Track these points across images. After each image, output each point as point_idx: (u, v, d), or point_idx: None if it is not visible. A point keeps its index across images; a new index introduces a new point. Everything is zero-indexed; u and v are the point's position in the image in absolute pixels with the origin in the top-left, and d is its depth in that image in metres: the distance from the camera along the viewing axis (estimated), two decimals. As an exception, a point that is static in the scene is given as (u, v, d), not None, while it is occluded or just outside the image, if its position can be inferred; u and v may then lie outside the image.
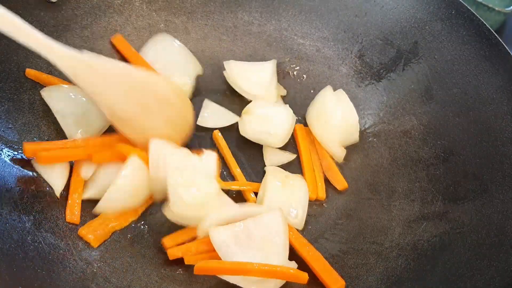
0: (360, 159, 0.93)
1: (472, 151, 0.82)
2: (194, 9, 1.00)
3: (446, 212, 0.79)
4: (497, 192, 0.77)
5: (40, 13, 0.86)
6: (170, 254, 0.74)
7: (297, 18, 1.01)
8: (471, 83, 0.86)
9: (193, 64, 0.96)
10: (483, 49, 0.85)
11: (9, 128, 0.79)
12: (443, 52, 0.90)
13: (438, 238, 0.77)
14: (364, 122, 0.96)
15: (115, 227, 0.76)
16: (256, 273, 0.70)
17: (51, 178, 0.78)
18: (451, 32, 0.89)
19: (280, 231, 0.74)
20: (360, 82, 0.99)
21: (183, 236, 0.77)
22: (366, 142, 0.94)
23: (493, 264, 0.70)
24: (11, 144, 0.78)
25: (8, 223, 0.70)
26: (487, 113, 0.83)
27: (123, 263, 0.74)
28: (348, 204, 0.87)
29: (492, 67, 0.84)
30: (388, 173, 0.89)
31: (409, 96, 0.93)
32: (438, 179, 0.84)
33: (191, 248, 0.75)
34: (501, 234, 0.73)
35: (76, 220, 0.76)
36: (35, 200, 0.75)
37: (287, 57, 1.02)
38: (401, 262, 0.77)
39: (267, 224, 0.74)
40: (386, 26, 0.96)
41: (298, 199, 0.84)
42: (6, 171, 0.75)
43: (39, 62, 0.85)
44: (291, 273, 0.72)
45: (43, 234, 0.72)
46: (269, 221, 0.74)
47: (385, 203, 0.86)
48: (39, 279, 0.66)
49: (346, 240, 0.82)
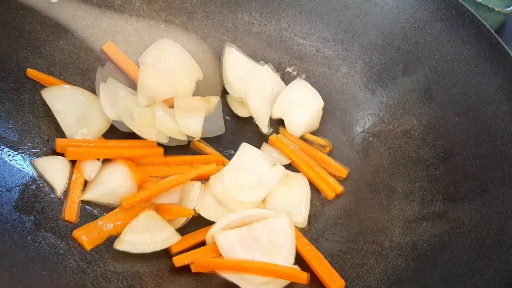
0: (360, 159, 0.93)
1: (472, 151, 0.82)
2: (194, 10, 1.00)
3: (446, 212, 0.79)
4: (497, 192, 0.77)
5: (40, 13, 0.86)
6: (175, 261, 0.74)
7: (297, 18, 1.01)
8: (471, 83, 0.86)
9: (194, 68, 0.96)
10: (483, 50, 0.85)
11: (10, 128, 0.79)
12: (443, 52, 0.90)
13: (438, 238, 0.77)
14: (364, 122, 0.96)
15: (111, 232, 0.76)
16: (256, 271, 0.70)
17: (53, 178, 0.78)
18: (451, 32, 0.89)
19: (287, 235, 0.74)
20: (360, 82, 0.99)
21: (190, 240, 0.77)
22: (366, 142, 0.94)
23: (493, 264, 0.70)
24: (12, 144, 0.78)
25: (8, 223, 0.70)
26: (487, 113, 0.83)
27: (123, 263, 0.74)
28: (348, 204, 0.87)
29: (492, 67, 0.84)
30: (388, 173, 0.89)
31: (409, 96, 0.93)
32: (438, 179, 0.84)
33: (198, 255, 0.74)
34: (501, 234, 0.73)
35: (72, 218, 0.76)
36: (35, 200, 0.75)
37: (287, 57, 1.02)
38: (401, 262, 0.77)
39: (274, 228, 0.74)
40: (386, 26, 0.96)
41: (300, 198, 0.85)
42: (6, 171, 0.75)
43: (39, 62, 0.85)
44: (291, 272, 0.72)
45: (44, 234, 0.72)
46: (276, 225, 0.75)
47: (385, 203, 0.86)
48: (39, 279, 0.66)
49: (346, 240, 0.83)
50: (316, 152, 0.92)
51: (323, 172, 0.90)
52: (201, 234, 0.77)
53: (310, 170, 0.89)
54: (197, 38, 1.00)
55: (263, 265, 0.70)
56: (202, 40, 1.01)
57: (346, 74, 1.00)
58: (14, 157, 0.78)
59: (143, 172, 0.81)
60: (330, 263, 0.76)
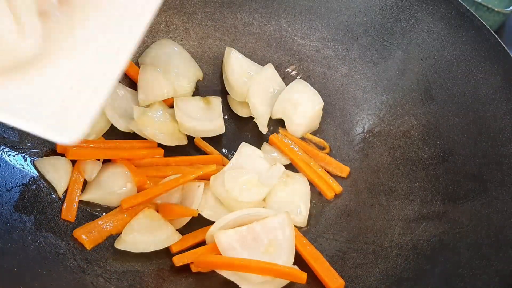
0: (360, 159, 0.93)
1: (472, 151, 0.82)
2: (195, 10, 1.00)
3: (446, 212, 0.79)
4: (497, 192, 0.77)
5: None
6: (176, 261, 0.74)
7: (297, 18, 1.01)
8: (470, 83, 0.86)
9: (194, 68, 0.96)
10: (482, 50, 0.85)
11: (10, 128, 0.79)
12: (443, 52, 0.90)
13: (437, 238, 0.77)
14: (364, 122, 0.96)
15: (111, 231, 0.76)
16: (255, 271, 0.70)
17: (54, 178, 0.78)
18: (450, 32, 0.89)
19: (287, 235, 0.74)
20: (360, 82, 0.99)
21: (190, 240, 0.77)
22: (366, 142, 0.94)
23: (493, 264, 0.70)
24: (12, 144, 0.78)
25: (8, 223, 0.70)
26: (486, 113, 0.83)
27: (124, 263, 0.74)
28: (348, 204, 0.87)
29: (492, 68, 0.84)
30: (388, 173, 0.89)
31: (409, 96, 0.93)
32: (438, 179, 0.84)
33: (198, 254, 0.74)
34: (501, 234, 0.73)
35: (72, 219, 0.76)
36: (35, 200, 0.76)
37: (287, 57, 1.02)
38: (400, 262, 0.77)
39: (274, 227, 0.75)
40: (386, 26, 0.96)
41: (300, 198, 0.85)
42: (7, 171, 0.76)
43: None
44: (290, 272, 0.72)
45: (44, 234, 0.72)
46: (276, 225, 0.75)
47: (385, 203, 0.86)
48: (39, 279, 0.67)
49: (346, 240, 0.83)
50: (316, 152, 0.92)
51: (323, 172, 0.90)
52: (201, 233, 0.78)
53: (310, 170, 0.89)
54: (197, 38, 1.01)
55: (262, 264, 0.70)
56: (202, 40, 1.01)
57: (346, 74, 1.00)
58: (14, 157, 0.78)
59: (143, 174, 0.82)
60: (330, 263, 0.76)
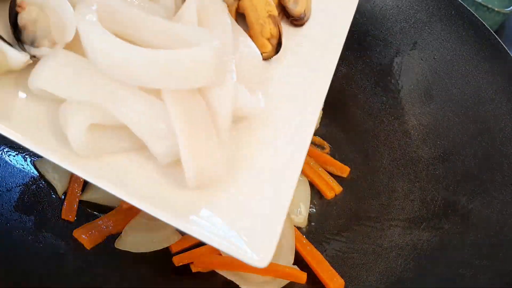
0: (360, 159, 0.93)
1: (472, 151, 0.82)
2: (195, 10, 1.00)
3: (446, 212, 0.79)
4: (497, 192, 0.77)
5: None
6: (176, 261, 0.74)
7: (297, 18, 1.01)
8: (470, 83, 0.86)
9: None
10: (482, 50, 0.86)
11: (10, 128, 0.79)
12: (443, 52, 0.90)
13: (438, 238, 0.77)
14: (364, 122, 0.96)
15: (111, 231, 0.76)
16: (255, 271, 0.70)
17: (54, 178, 0.78)
18: (450, 32, 0.89)
19: (287, 234, 0.74)
20: (360, 82, 0.99)
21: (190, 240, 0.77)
22: (366, 142, 0.94)
23: (493, 264, 0.70)
24: (12, 144, 0.78)
25: (8, 223, 0.70)
26: (486, 113, 0.83)
27: (124, 263, 0.74)
28: (348, 204, 0.87)
29: (492, 68, 0.84)
30: (388, 173, 0.89)
31: (409, 96, 0.93)
32: (438, 179, 0.84)
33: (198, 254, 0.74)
34: (501, 234, 0.72)
35: (72, 218, 0.76)
36: (35, 200, 0.76)
37: (287, 57, 1.02)
38: (400, 262, 0.77)
39: None
40: (386, 26, 0.96)
41: (300, 198, 0.85)
42: (7, 171, 0.76)
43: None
44: (290, 272, 0.72)
45: (44, 234, 0.72)
46: None
47: (385, 203, 0.86)
48: (39, 279, 0.67)
49: (346, 240, 0.82)
50: (317, 152, 0.92)
51: (323, 172, 0.90)
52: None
53: (310, 170, 0.89)
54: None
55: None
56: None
57: (346, 74, 1.00)
58: (14, 157, 0.78)
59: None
60: (330, 263, 0.76)
